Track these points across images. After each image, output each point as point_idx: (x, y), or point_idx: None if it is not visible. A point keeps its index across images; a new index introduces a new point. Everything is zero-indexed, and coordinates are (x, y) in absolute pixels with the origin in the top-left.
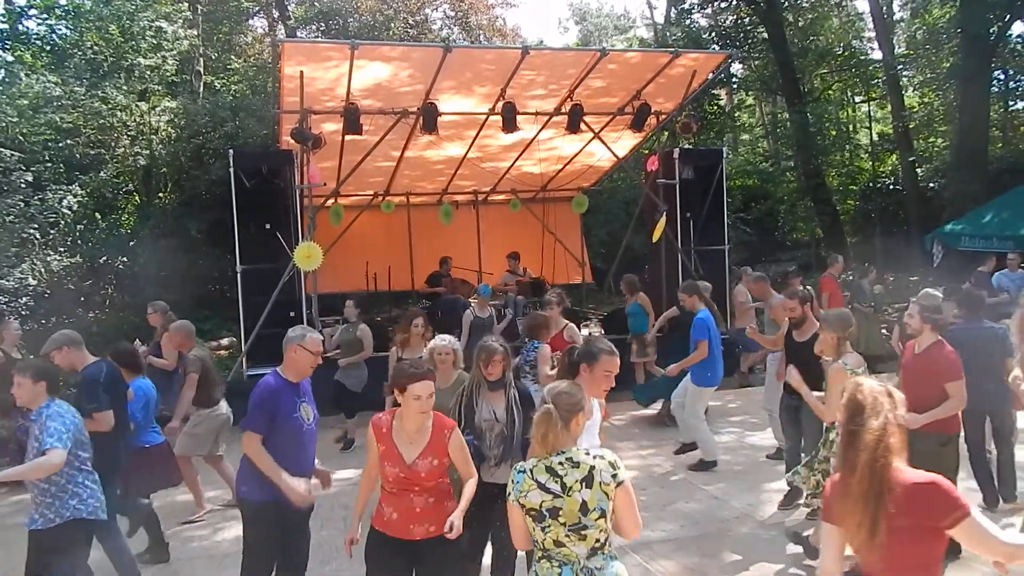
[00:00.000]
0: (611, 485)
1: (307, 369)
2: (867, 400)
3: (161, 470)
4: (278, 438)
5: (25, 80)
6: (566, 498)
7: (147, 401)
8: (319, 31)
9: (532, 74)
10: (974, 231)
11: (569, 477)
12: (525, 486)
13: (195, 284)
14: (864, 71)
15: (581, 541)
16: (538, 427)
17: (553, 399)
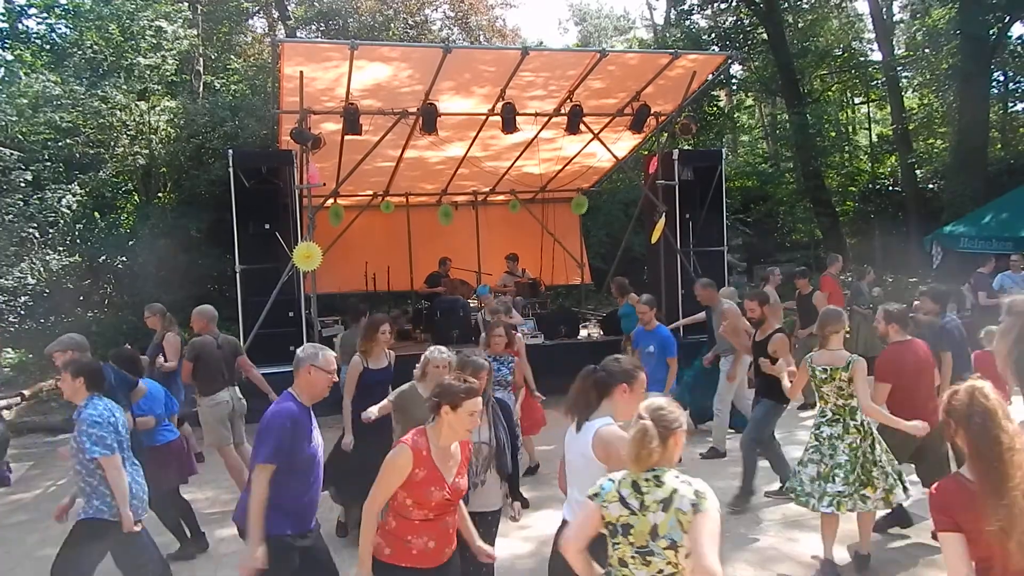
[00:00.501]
0: (688, 514)
1: (323, 391)
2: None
3: (176, 467)
4: (293, 469)
5: (24, 79)
6: (640, 516)
7: (163, 399)
8: (319, 31)
9: (532, 75)
10: (973, 232)
11: (650, 496)
12: (609, 497)
13: (194, 284)
14: (864, 72)
15: (644, 566)
16: (633, 444)
17: (651, 415)
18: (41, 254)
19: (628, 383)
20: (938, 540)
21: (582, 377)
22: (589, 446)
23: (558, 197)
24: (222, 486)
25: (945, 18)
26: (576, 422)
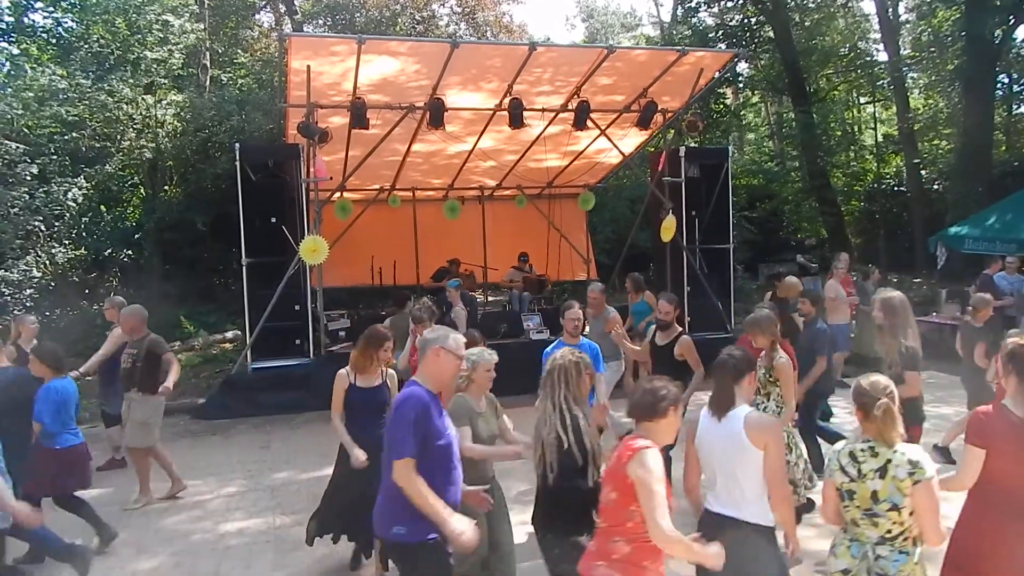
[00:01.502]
0: (905, 481)
1: (451, 378)
2: None
3: (76, 472)
4: (430, 464)
5: (31, 73)
6: (859, 484)
7: (60, 404)
8: (326, 26)
9: (539, 70)
10: (977, 234)
11: (866, 465)
12: (833, 466)
13: (200, 277)
14: (869, 72)
15: (873, 527)
16: (883, 420)
17: (890, 395)
18: (47, 247)
19: (754, 371)
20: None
21: (723, 369)
22: (742, 434)
23: (564, 193)
24: (226, 478)
25: (951, 19)
26: (717, 413)
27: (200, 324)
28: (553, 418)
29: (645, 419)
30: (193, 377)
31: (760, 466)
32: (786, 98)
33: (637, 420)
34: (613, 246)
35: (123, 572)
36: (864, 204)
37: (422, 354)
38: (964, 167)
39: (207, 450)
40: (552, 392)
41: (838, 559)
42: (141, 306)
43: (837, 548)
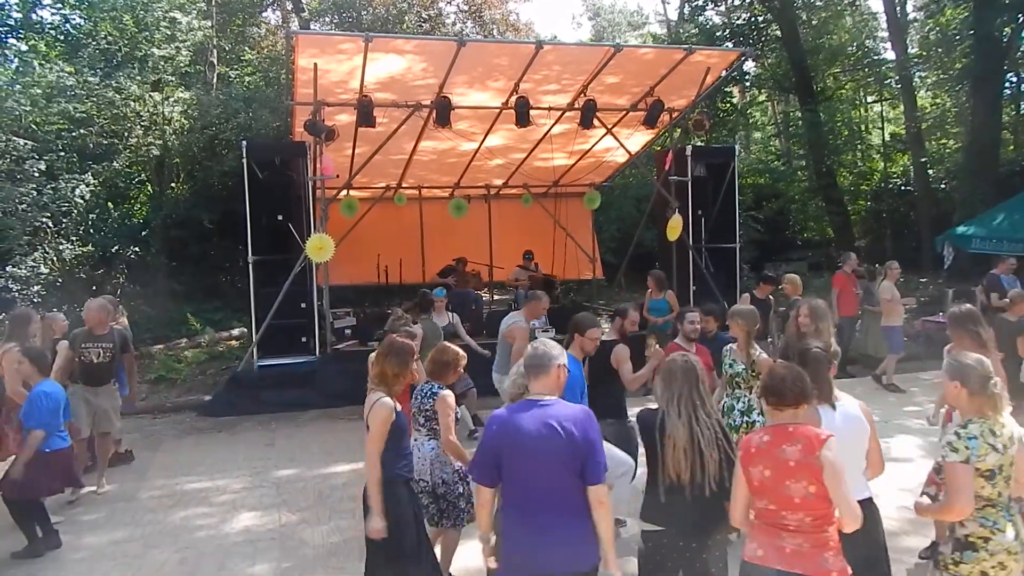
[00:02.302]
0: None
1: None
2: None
3: (60, 474)
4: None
5: (39, 69)
6: (1004, 454)
7: (54, 408)
8: (332, 23)
9: (546, 69)
10: (985, 233)
11: (1003, 436)
12: (982, 450)
13: (206, 274)
14: (877, 71)
15: (1007, 489)
16: (994, 397)
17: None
18: (54, 244)
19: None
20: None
21: (819, 362)
22: (861, 416)
23: (571, 192)
24: (232, 475)
25: (959, 18)
26: (829, 403)
27: (206, 321)
28: (698, 423)
29: (798, 404)
30: (199, 374)
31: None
32: (793, 97)
33: (789, 405)
34: (619, 245)
35: (129, 568)
36: (871, 203)
37: (542, 371)
38: (971, 166)
39: (213, 447)
40: (685, 396)
41: (1005, 532)
42: (106, 300)
43: (998, 523)
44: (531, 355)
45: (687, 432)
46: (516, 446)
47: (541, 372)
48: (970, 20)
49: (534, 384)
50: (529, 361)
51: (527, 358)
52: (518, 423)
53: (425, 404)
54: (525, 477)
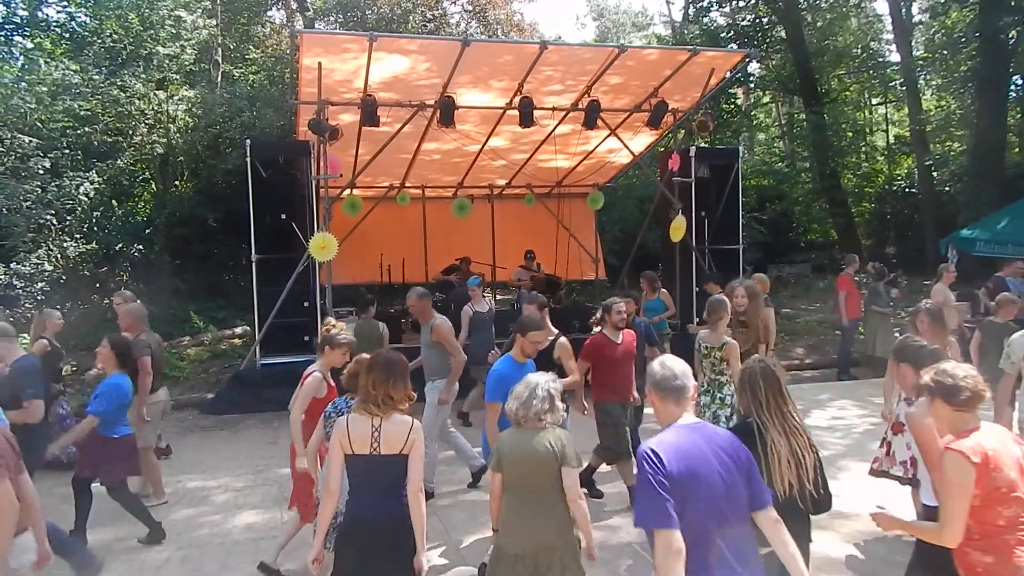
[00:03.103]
0: None
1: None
2: None
3: (129, 460)
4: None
5: (44, 67)
6: None
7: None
8: (337, 23)
9: (550, 69)
10: (989, 236)
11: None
12: None
13: (210, 273)
14: (882, 73)
15: None
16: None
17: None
18: (58, 241)
19: None
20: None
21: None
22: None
23: (574, 192)
24: (234, 473)
25: (965, 20)
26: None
27: (209, 319)
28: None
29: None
30: (202, 372)
31: None
32: (797, 99)
33: (976, 406)
34: (622, 246)
35: (131, 566)
36: (875, 205)
37: (684, 392)
38: (976, 169)
39: (215, 445)
40: (773, 404)
41: None
42: (140, 304)
43: None
44: (668, 375)
45: (786, 441)
46: (698, 479)
47: (683, 394)
48: (976, 22)
49: (673, 409)
50: (666, 384)
51: (661, 380)
52: (690, 451)
53: (329, 426)
54: (702, 512)
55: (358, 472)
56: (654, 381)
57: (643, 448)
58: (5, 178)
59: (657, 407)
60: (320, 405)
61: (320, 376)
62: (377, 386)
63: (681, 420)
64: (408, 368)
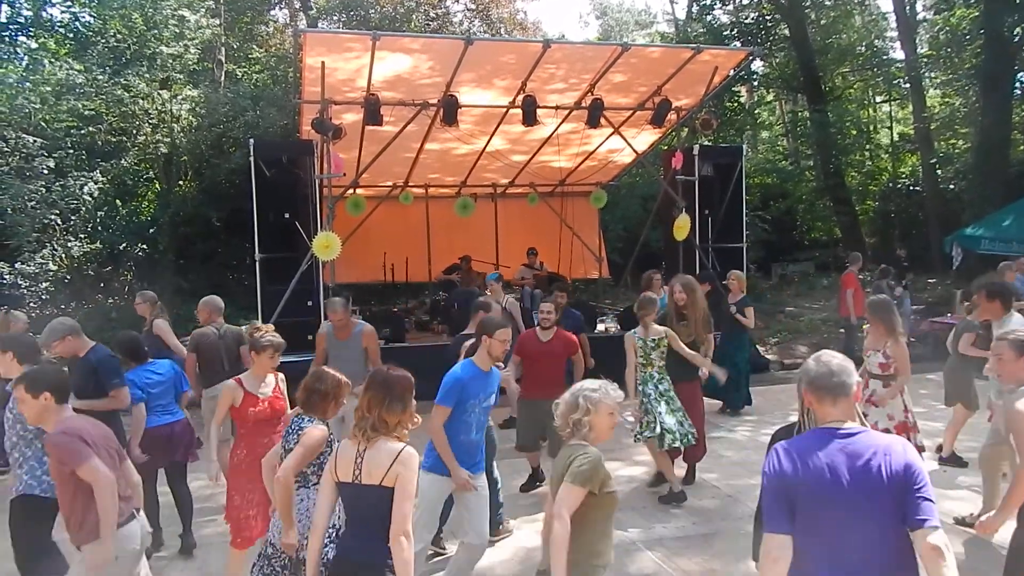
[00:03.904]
0: None
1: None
2: None
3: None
4: None
5: (48, 67)
6: None
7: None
8: (340, 22)
9: (553, 68)
10: (994, 234)
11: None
12: None
13: (213, 272)
14: (886, 71)
15: None
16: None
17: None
18: (63, 241)
19: None
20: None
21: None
22: None
23: (577, 191)
24: None
25: (969, 17)
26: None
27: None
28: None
29: None
30: None
31: None
32: (801, 97)
33: None
34: (625, 244)
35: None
36: (879, 204)
37: (842, 391)
38: (981, 167)
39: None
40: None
41: None
42: (217, 298)
43: None
44: (823, 372)
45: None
46: (818, 488)
47: (841, 393)
48: (980, 19)
49: (829, 409)
50: (822, 381)
51: (816, 377)
52: (817, 458)
53: (290, 441)
54: (832, 528)
55: (346, 502)
56: (808, 379)
57: (772, 447)
58: (10, 178)
59: (813, 408)
60: (237, 415)
61: (234, 384)
62: (372, 407)
63: (830, 423)
64: (411, 388)
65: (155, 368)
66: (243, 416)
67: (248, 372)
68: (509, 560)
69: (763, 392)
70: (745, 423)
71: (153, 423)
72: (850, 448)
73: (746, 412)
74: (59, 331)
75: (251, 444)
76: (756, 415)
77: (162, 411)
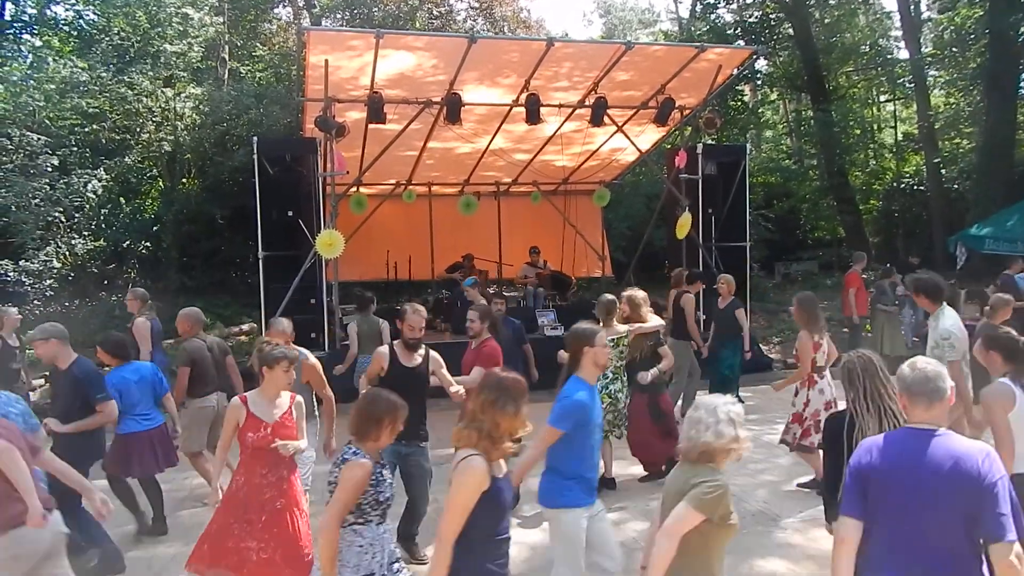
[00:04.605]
0: None
1: None
2: None
3: (131, 457)
4: None
5: (52, 65)
6: None
7: (121, 390)
8: (343, 20)
9: (556, 66)
10: (998, 234)
11: None
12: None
13: (217, 269)
14: (890, 70)
15: None
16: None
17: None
18: (67, 238)
19: None
20: None
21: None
22: None
23: (580, 189)
24: None
25: (974, 16)
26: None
27: (216, 316)
28: (887, 413)
29: None
30: None
31: None
32: (805, 96)
33: None
34: (629, 243)
35: (140, 560)
36: (883, 203)
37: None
38: (985, 166)
39: None
40: (870, 390)
41: None
42: (197, 309)
43: None
44: (920, 378)
45: (876, 421)
46: (894, 480)
47: (936, 398)
48: (985, 19)
49: (921, 412)
50: (918, 387)
51: (912, 383)
52: (898, 454)
53: (334, 472)
54: (899, 521)
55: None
56: (904, 385)
57: (863, 442)
58: (14, 175)
59: (906, 411)
60: (238, 437)
61: (239, 403)
62: (485, 410)
63: (919, 424)
64: (526, 392)
65: (136, 369)
66: (243, 441)
67: (257, 390)
68: (513, 559)
69: (765, 391)
70: (746, 423)
71: (131, 428)
72: (931, 449)
73: (749, 411)
74: (47, 332)
75: (249, 473)
76: (758, 414)
77: (142, 417)
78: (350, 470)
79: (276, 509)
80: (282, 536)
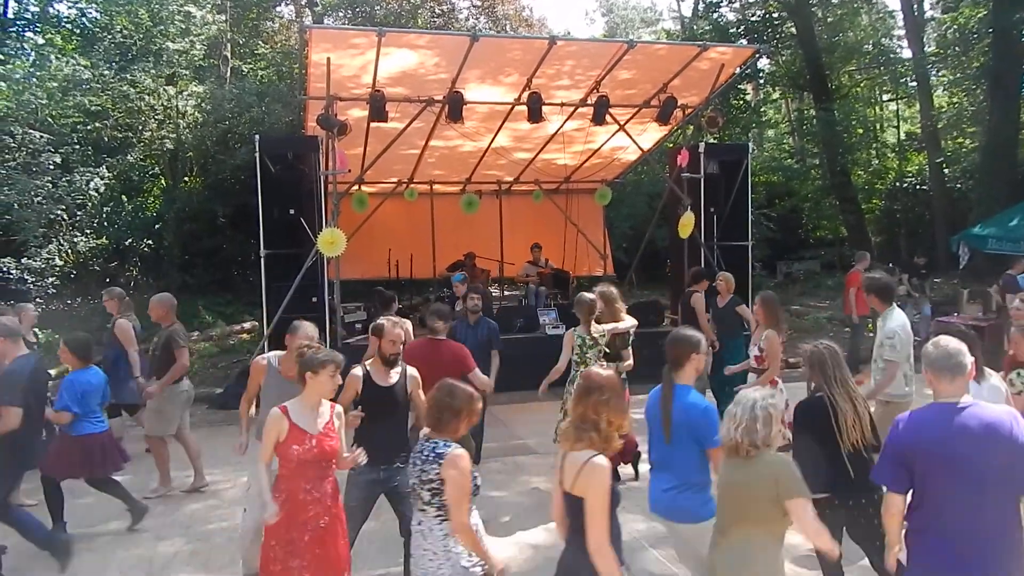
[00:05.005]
0: None
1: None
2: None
3: (93, 459)
4: None
5: (55, 63)
6: None
7: (84, 393)
8: (346, 18)
9: (558, 65)
10: (1001, 234)
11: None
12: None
13: (218, 267)
14: (893, 69)
15: None
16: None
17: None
18: (69, 236)
19: None
20: None
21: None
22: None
23: (582, 188)
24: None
25: (977, 15)
26: (979, 378)
27: (218, 314)
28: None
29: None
30: (211, 367)
31: None
32: (807, 95)
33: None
34: (631, 242)
35: (141, 559)
36: (885, 203)
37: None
38: (988, 166)
39: (224, 440)
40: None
41: None
42: (170, 294)
43: None
44: (942, 355)
45: (851, 406)
46: (934, 453)
47: (958, 372)
48: (988, 18)
49: (946, 386)
50: (942, 362)
51: (936, 359)
52: (936, 426)
53: (428, 471)
54: (943, 492)
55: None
56: (928, 361)
57: (896, 418)
58: (16, 173)
59: (932, 386)
60: (279, 451)
61: (279, 413)
62: (599, 410)
63: (947, 398)
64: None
65: (96, 372)
66: (286, 455)
67: (297, 399)
68: (515, 557)
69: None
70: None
71: (87, 430)
72: (965, 420)
73: None
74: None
75: (292, 490)
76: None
77: (96, 420)
78: (460, 461)
79: (320, 528)
80: (325, 558)
